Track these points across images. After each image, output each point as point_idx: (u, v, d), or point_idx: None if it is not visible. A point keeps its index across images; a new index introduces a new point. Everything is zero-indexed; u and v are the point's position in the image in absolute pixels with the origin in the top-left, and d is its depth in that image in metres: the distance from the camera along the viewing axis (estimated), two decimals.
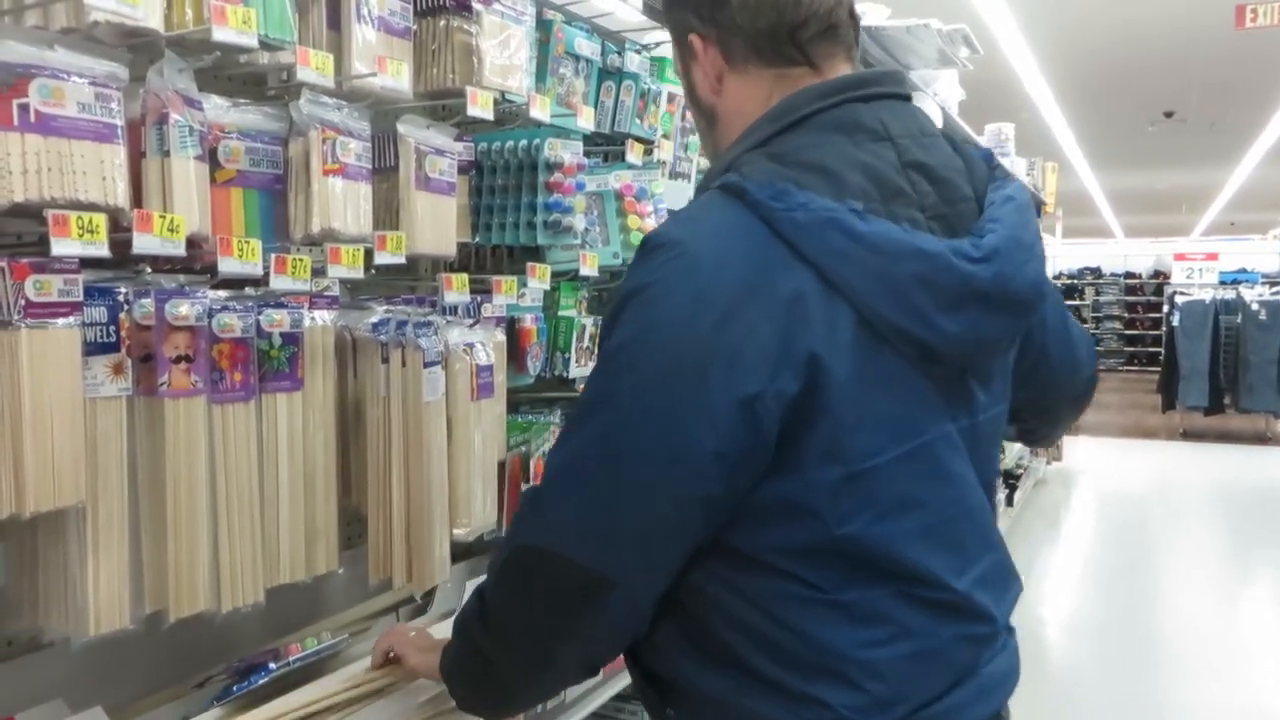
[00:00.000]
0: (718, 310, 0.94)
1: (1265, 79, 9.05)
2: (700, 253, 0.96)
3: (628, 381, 0.97)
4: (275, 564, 1.36)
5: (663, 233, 1.00)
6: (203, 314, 1.23)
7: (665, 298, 0.96)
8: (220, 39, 1.18)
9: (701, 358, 0.94)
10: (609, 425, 0.98)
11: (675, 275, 0.96)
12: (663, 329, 0.96)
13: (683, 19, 1.13)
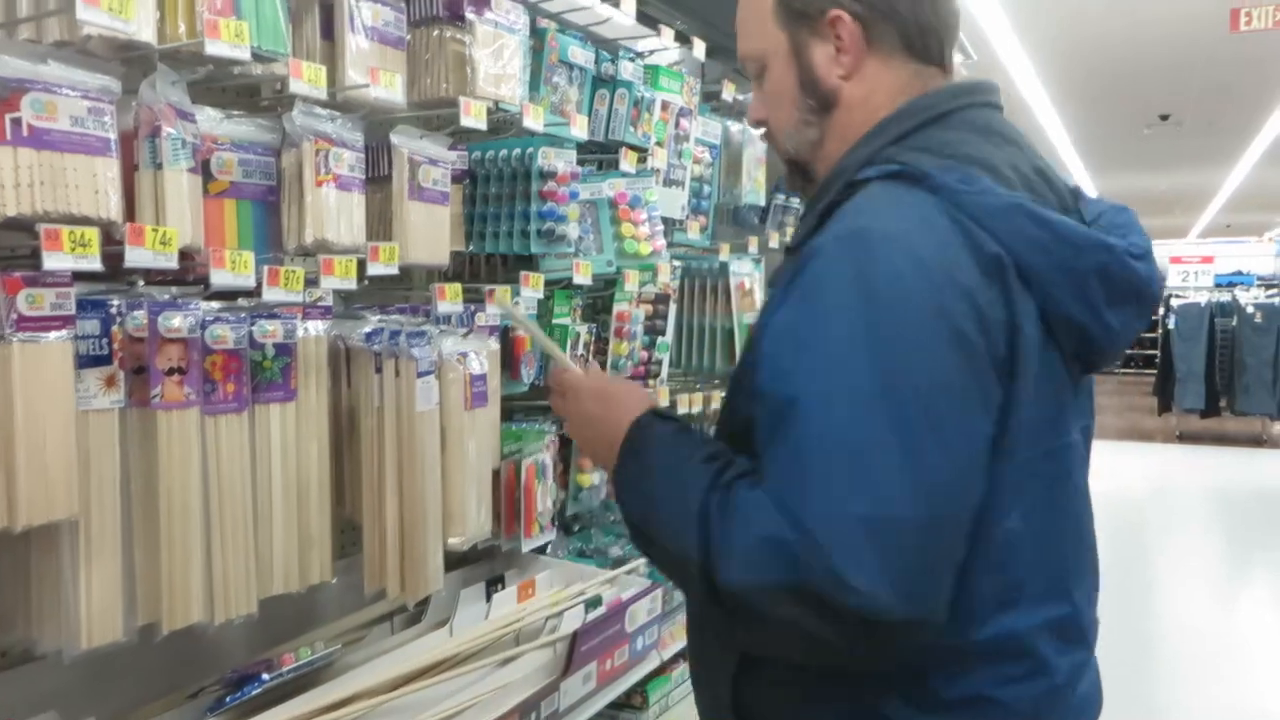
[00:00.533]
0: (950, 292, 0.92)
1: (1260, 81, 9.07)
2: (909, 241, 0.93)
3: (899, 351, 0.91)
4: (269, 575, 1.36)
5: (862, 225, 0.95)
6: (195, 326, 1.23)
7: (904, 289, 0.91)
8: (213, 52, 1.19)
9: (954, 341, 0.91)
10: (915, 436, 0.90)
11: (891, 266, 0.92)
12: (915, 318, 0.91)
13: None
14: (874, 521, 0.86)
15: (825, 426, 0.90)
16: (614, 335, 2.15)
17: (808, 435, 0.90)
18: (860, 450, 0.88)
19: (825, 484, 0.88)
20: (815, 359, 0.92)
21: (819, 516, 0.87)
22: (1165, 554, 6.48)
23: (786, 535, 0.88)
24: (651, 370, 2.29)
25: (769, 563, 0.89)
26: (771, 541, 0.89)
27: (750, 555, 0.90)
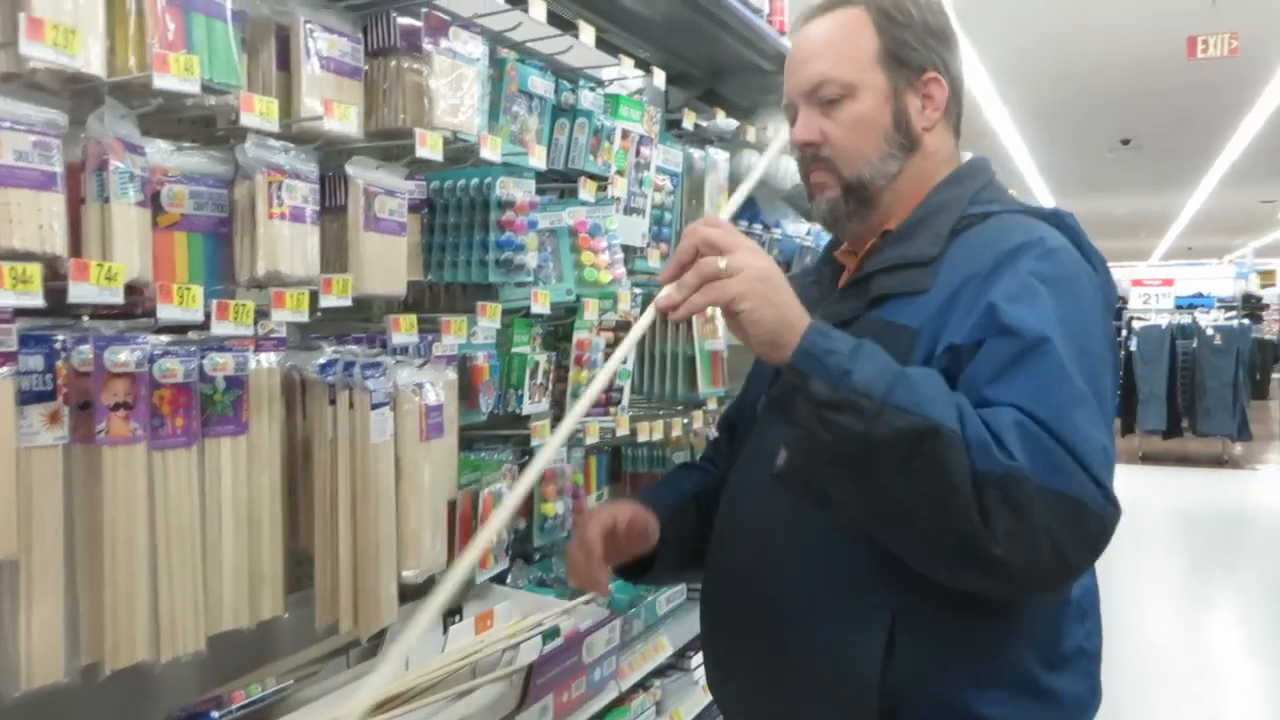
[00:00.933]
0: (1103, 301, 1.21)
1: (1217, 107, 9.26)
2: (1075, 256, 1.21)
3: (1102, 349, 1.14)
4: (218, 610, 1.34)
5: (1040, 238, 1.19)
6: (143, 360, 1.22)
7: (1085, 287, 1.18)
8: (162, 86, 1.18)
9: (1110, 339, 1.21)
10: (1107, 379, 1.13)
11: (1079, 266, 1.20)
12: (1095, 312, 1.18)
13: (925, 55, 1.30)
14: (1109, 451, 1.07)
15: (1076, 368, 1.08)
16: (574, 363, 2.15)
17: (1062, 371, 1.07)
18: (1099, 394, 1.09)
19: (1078, 411, 1.05)
20: (1060, 318, 1.11)
21: (1078, 437, 1.03)
22: (1130, 574, 6.55)
23: (1050, 446, 1.02)
24: (612, 398, 2.28)
25: (1038, 460, 1.01)
26: (1040, 446, 1.02)
27: (1020, 448, 1.01)
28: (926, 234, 1.24)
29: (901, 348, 1.14)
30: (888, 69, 1.28)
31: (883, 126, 1.28)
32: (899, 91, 1.29)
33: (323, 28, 1.52)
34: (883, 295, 1.23)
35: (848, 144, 1.28)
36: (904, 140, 1.29)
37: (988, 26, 6.81)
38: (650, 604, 2.14)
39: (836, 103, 1.28)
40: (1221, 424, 10.63)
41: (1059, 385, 1.06)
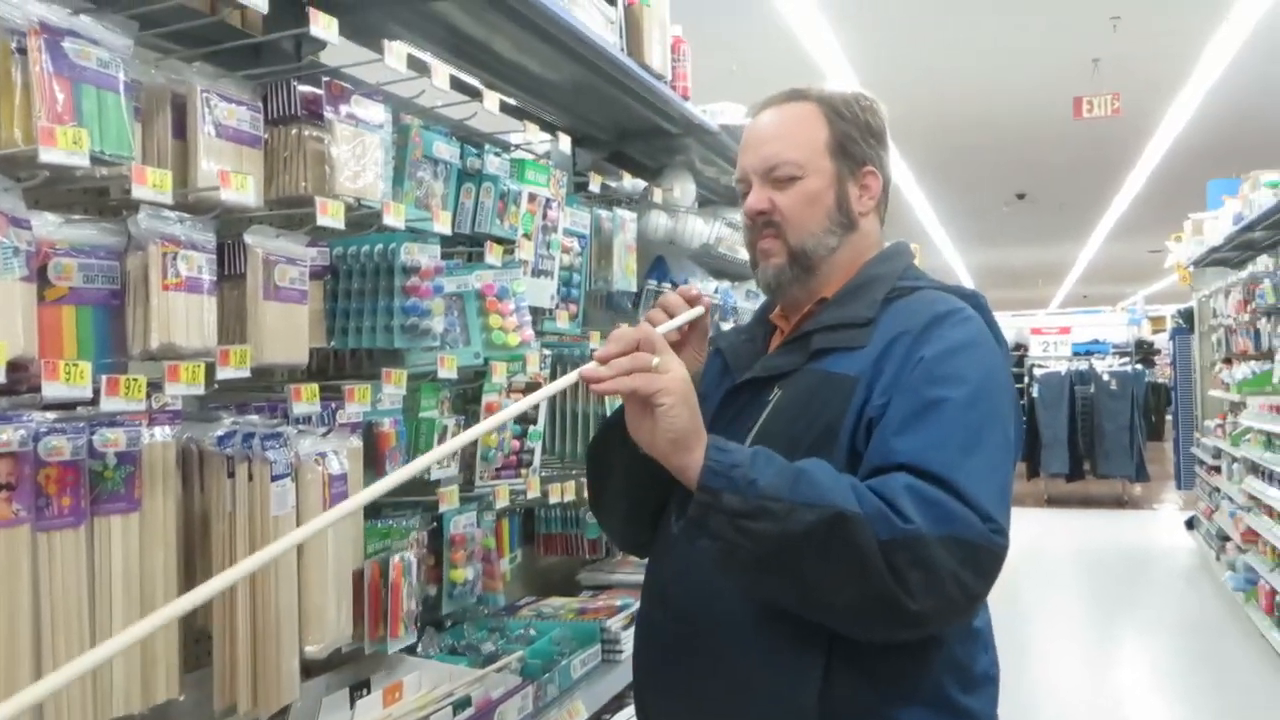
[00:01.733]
0: (1009, 372, 1.36)
1: (1105, 163, 9.74)
2: (984, 328, 1.38)
3: (1002, 402, 1.30)
4: (108, 696, 1.29)
5: (961, 308, 1.36)
6: (28, 438, 1.18)
7: (996, 356, 1.34)
8: (48, 160, 1.16)
9: (1014, 405, 1.35)
10: (1006, 428, 1.28)
11: (986, 334, 1.36)
12: (1003, 377, 1.33)
13: (866, 151, 1.47)
14: (1004, 489, 1.23)
15: (974, 418, 1.23)
16: None
17: (956, 423, 1.22)
18: (996, 441, 1.25)
19: (969, 458, 1.20)
20: (958, 376, 1.26)
21: (967, 481, 1.17)
22: (1038, 617, 6.70)
23: (939, 497, 1.15)
24: (524, 459, 2.28)
25: (930, 514, 1.14)
26: (929, 500, 1.15)
27: (914, 508, 1.14)
28: (864, 299, 1.40)
29: (842, 394, 1.31)
30: (834, 157, 1.44)
31: (827, 205, 1.44)
32: (842, 178, 1.45)
33: (220, 96, 1.52)
34: (823, 350, 1.37)
35: (796, 216, 1.43)
36: (843, 220, 1.45)
37: (887, 87, 7.07)
38: (565, 668, 2.12)
39: (789, 181, 1.43)
40: (1120, 466, 11.02)
41: (952, 436, 1.21)
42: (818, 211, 1.43)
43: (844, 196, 1.45)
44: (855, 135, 1.46)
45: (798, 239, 1.43)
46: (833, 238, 1.44)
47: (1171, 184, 10.18)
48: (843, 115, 1.45)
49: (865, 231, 1.48)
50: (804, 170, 1.43)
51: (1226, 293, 7.74)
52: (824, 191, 1.44)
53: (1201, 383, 8.92)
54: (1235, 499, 6.81)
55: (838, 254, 1.45)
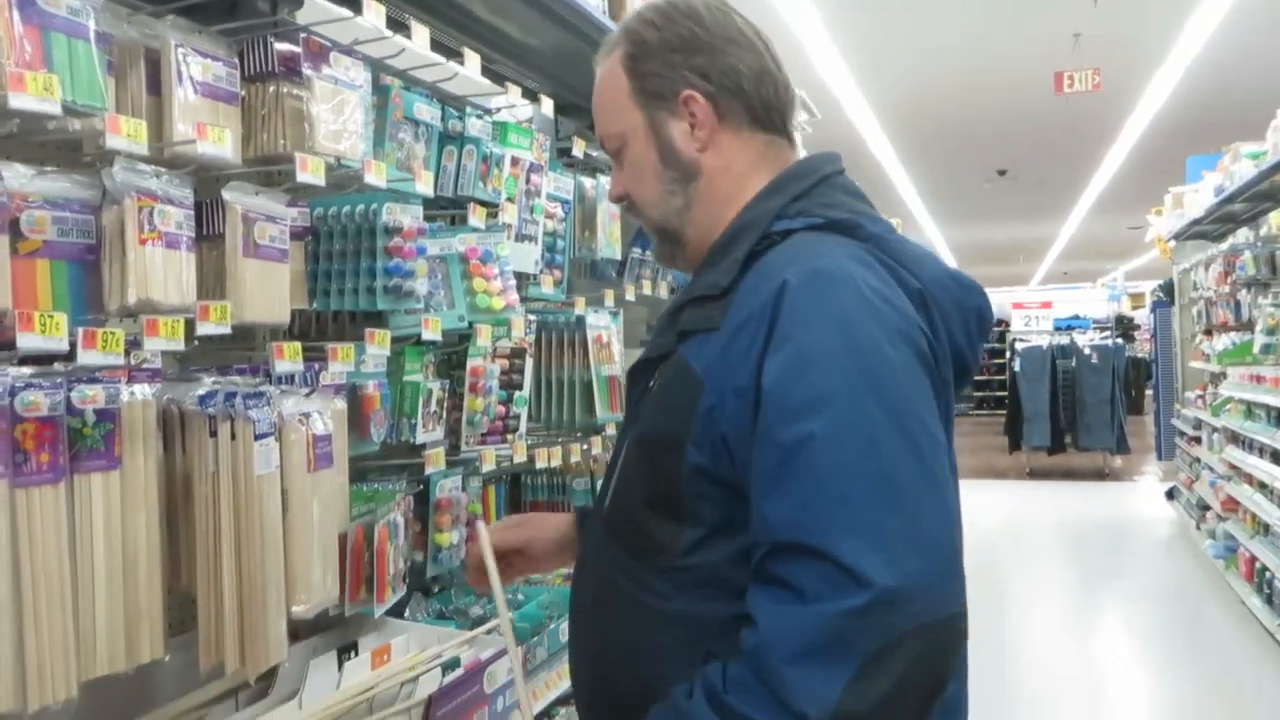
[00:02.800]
0: (902, 324, 1.05)
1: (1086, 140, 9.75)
2: (859, 280, 1.05)
3: (886, 403, 1.00)
4: (91, 655, 1.28)
5: (816, 269, 1.06)
6: (3, 393, 1.16)
7: (870, 322, 1.03)
8: (18, 106, 1.13)
9: (919, 365, 1.06)
10: (902, 450, 1.00)
11: (859, 300, 1.04)
12: (886, 349, 1.02)
13: (674, 75, 1.19)
14: (910, 519, 0.96)
15: (855, 447, 0.97)
16: (469, 390, 2.13)
17: (828, 470, 0.96)
18: (889, 465, 0.97)
19: (848, 511, 0.95)
20: (818, 398, 0.99)
21: (842, 545, 0.93)
22: (1020, 588, 6.75)
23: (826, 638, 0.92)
24: (509, 425, 2.27)
25: (839, 644, 0.92)
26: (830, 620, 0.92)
27: (811, 662, 0.92)
28: (725, 261, 1.15)
29: (689, 396, 1.09)
30: (641, 105, 1.22)
31: (652, 165, 1.22)
32: (659, 124, 1.21)
33: (196, 51, 1.49)
34: (687, 330, 1.14)
35: (636, 191, 1.25)
36: (676, 172, 1.22)
37: (870, 65, 7.07)
38: (553, 631, 2.12)
39: (620, 154, 1.25)
40: (1101, 438, 11.11)
41: (823, 487, 0.97)
42: (648, 177, 1.23)
43: (667, 145, 1.21)
44: (655, 68, 1.20)
45: (649, 215, 1.26)
46: (675, 198, 1.22)
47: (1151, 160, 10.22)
48: (636, 54, 1.21)
49: (718, 169, 1.21)
50: (622, 137, 1.23)
51: (1207, 265, 7.79)
52: (645, 151, 1.22)
53: (1182, 355, 8.99)
54: (1215, 468, 6.87)
55: (694, 210, 1.22)
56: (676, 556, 1.09)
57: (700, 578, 1.08)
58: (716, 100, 1.20)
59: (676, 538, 1.09)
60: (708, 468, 1.06)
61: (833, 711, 0.91)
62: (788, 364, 1.01)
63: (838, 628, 0.92)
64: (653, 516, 1.11)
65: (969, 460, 12.78)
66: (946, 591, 0.96)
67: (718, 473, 1.06)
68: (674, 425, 1.09)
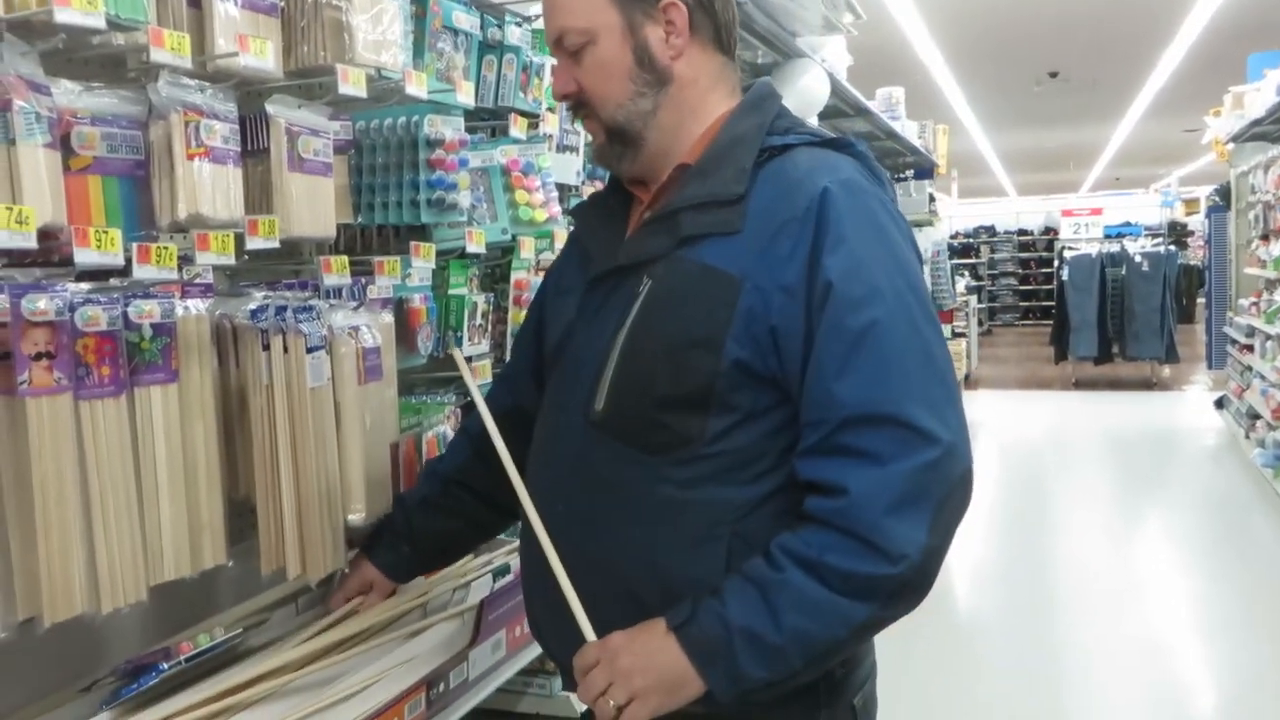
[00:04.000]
0: (901, 226, 1.22)
1: (1140, 38, 9.38)
2: (871, 190, 1.21)
3: (913, 284, 1.17)
4: (158, 561, 1.32)
5: (844, 179, 1.18)
6: (64, 308, 1.18)
7: (891, 225, 1.19)
8: (63, 20, 1.13)
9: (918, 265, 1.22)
10: (935, 334, 1.16)
11: (877, 201, 1.20)
12: (906, 250, 1.20)
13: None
14: (949, 395, 1.14)
15: (907, 327, 1.13)
16: (513, 304, 2.14)
17: (894, 348, 1.11)
18: (929, 338, 1.15)
19: (914, 384, 1.11)
20: (875, 291, 1.12)
21: (918, 409, 1.10)
22: (1065, 497, 6.75)
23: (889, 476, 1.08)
24: None
25: (920, 493, 1.09)
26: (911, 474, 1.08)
27: (903, 511, 1.08)
28: (729, 169, 1.21)
29: (725, 296, 1.15)
30: (620, 5, 1.23)
31: (626, 66, 1.24)
32: (636, 26, 1.23)
33: None
34: (694, 235, 1.20)
35: (597, 90, 1.26)
36: (650, 76, 1.25)
37: None
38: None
39: (581, 51, 1.25)
40: (1150, 348, 10.94)
41: (892, 365, 1.11)
42: (616, 77, 1.24)
43: (643, 48, 1.24)
44: None
45: (608, 114, 1.27)
46: (645, 100, 1.25)
47: (1210, 59, 9.82)
48: None
49: (689, 78, 1.26)
50: (591, 34, 1.24)
51: (1266, 168, 7.53)
52: (618, 51, 1.24)
53: (1236, 261, 8.77)
54: (1267, 376, 6.76)
55: (661, 115, 1.25)
56: (701, 445, 1.17)
57: (724, 464, 1.17)
58: (693, 13, 1.25)
59: (702, 428, 1.17)
60: (748, 361, 1.15)
61: (924, 548, 1.08)
62: (846, 263, 1.13)
63: (918, 479, 1.08)
64: (672, 412, 1.17)
65: (1013, 371, 12.69)
66: (969, 445, 1.14)
67: (759, 365, 1.15)
68: (709, 325, 1.16)
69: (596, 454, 1.23)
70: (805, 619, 1.08)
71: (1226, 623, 4.45)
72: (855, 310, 1.11)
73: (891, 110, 6.58)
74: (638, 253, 1.24)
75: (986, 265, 19.13)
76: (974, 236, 19.68)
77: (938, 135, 8.41)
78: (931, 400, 1.11)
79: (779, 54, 3.86)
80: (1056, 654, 4.12)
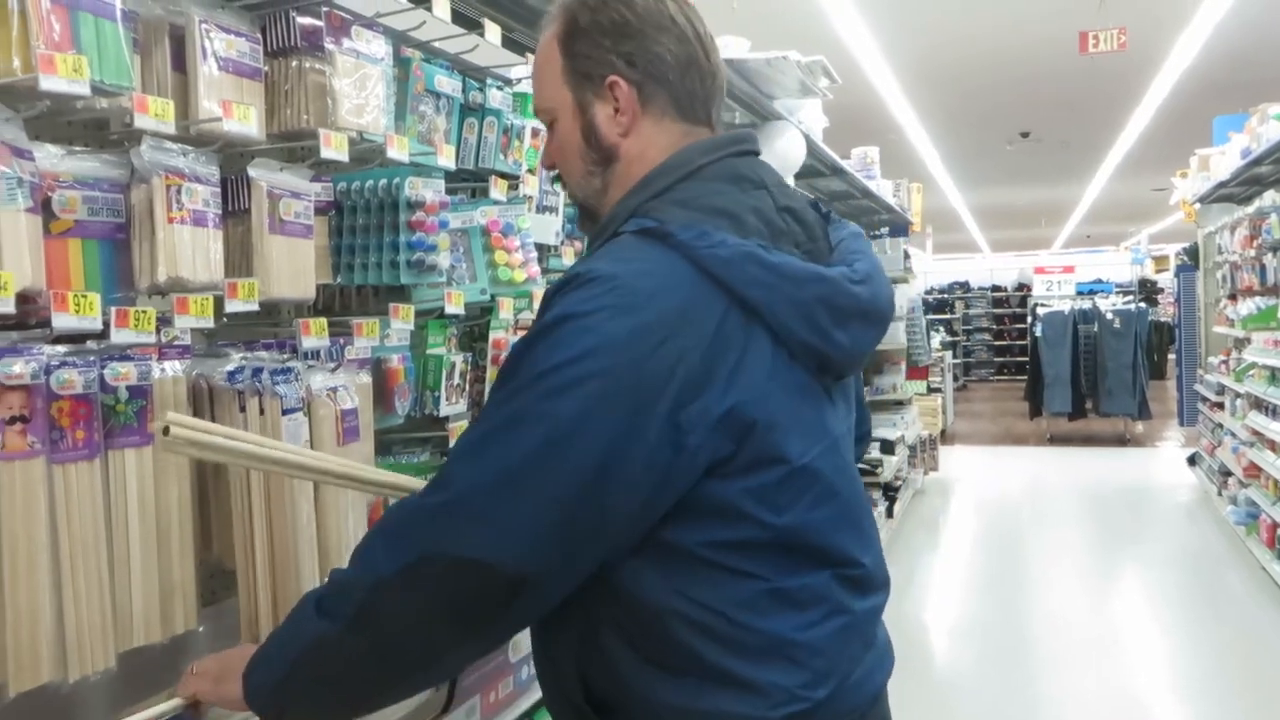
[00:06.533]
0: (655, 338, 1.03)
1: (1111, 100, 9.62)
2: (636, 287, 1.06)
3: (568, 400, 1.02)
4: (128, 627, 1.30)
5: (593, 268, 1.07)
6: (39, 371, 1.18)
7: (605, 325, 1.03)
8: (48, 88, 1.14)
9: (640, 381, 1.03)
10: (546, 440, 1.02)
11: (614, 304, 1.04)
12: (604, 353, 1.02)
13: (602, 59, 1.22)
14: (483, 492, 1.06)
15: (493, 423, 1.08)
16: (490, 363, 2.14)
17: (479, 424, 1.10)
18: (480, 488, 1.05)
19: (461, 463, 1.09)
20: (506, 378, 1.09)
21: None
22: (1040, 552, 6.76)
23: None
24: None
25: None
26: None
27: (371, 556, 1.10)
28: (591, 248, 1.23)
29: None
30: (571, 86, 1.25)
31: (577, 144, 1.26)
32: (585, 106, 1.24)
33: (219, 28, 1.49)
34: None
35: (561, 167, 1.30)
36: (597, 155, 1.25)
37: (891, 26, 6.97)
38: None
39: (551, 129, 1.30)
40: (1123, 404, 11.05)
41: (464, 440, 1.10)
42: (572, 156, 1.27)
43: (590, 127, 1.24)
44: (585, 49, 1.23)
45: (572, 190, 1.31)
46: (594, 179, 1.26)
47: (1177, 120, 10.06)
48: (571, 33, 1.24)
49: (634, 155, 1.23)
50: (553, 113, 1.27)
51: (1232, 229, 7.69)
52: (570, 131, 1.26)
53: (1205, 319, 8.91)
54: (1238, 434, 6.84)
55: (609, 193, 1.25)
56: None
57: None
58: (640, 86, 1.22)
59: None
60: None
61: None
62: (514, 345, 1.12)
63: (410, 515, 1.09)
64: None
65: (989, 426, 12.75)
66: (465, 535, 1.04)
67: None
68: None
69: None
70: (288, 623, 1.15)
71: (1202, 677, 4.45)
72: (494, 387, 1.10)
73: (867, 170, 6.68)
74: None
75: (961, 321, 19.33)
76: (949, 292, 19.91)
77: (912, 193, 8.53)
78: (471, 466, 1.06)
79: (757, 116, 3.93)
80: (1032, 708, 4.10)
